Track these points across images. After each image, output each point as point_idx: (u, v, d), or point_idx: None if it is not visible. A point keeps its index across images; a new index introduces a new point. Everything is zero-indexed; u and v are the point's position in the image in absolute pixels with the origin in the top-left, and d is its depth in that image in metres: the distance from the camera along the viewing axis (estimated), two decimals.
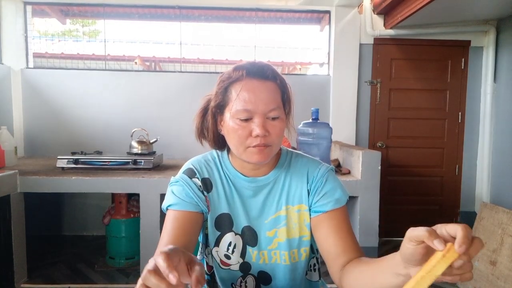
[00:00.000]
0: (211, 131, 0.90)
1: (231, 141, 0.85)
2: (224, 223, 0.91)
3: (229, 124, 0.83)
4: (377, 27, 3.26)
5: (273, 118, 0.82)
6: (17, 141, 2.96)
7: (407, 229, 0.54)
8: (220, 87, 0.86)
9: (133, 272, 2.55)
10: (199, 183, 0.91)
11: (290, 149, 0.98)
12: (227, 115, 0.84)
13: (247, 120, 0.81)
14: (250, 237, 0.91)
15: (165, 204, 0.89)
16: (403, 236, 0.56)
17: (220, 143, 0.91)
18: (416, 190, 3.40)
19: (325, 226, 0.86)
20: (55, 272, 2.57)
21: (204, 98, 0.94)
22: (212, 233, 0.91)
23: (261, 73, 0.83)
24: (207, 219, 0.92)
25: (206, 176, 0.93)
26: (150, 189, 2.28)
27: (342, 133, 3.25)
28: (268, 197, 0.91)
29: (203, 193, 0.90)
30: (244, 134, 0.81)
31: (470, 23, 3.21)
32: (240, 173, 0.91)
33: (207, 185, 0.92)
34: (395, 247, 3.15)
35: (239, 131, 0.82)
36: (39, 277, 2.46)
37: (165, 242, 0.80)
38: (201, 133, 0.94)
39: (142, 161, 2.47)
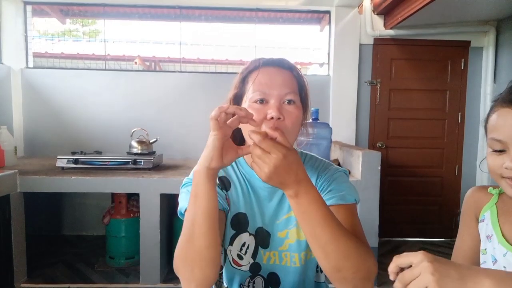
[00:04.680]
0: None
1: (247, 129, 0.82)
2: (241, 222, 0.90)
3: None
4: (377, 27, 3.26)
5: (289, 102, 0.81)
6: (17, 141, 2.96)
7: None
8: (239, 79, 0.87)
9: (132, 272, 2.54)
10: (217, 181, 0.88)
11: (304, 151, 0.97)
12: (244, 105, 0.84)
13: (262, 103, 0.80)
14: (263, 238, 0.90)
15: (182, 207, 0.84)
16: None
17: (237, 139, 0.89)
18: (416, 190, 3.40)
19: None
20: (55, 272, 2.57)
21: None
22: (228, 232, 0.90)
23: (278, 62, 0.85)
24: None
25: (223, 174, 0.92)
26: (150, 189, 2.28)
27: (342, 133, 3.25)
28: (282, 198, 0.90)
29: (222, 191, 0.89)
30: (259, 118, 0.79)
31: (470, 23, 3.21)
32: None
33: (225, 184, 0.91)
34: (395, 247, 3.16)
35: (253, 116, 0.79)
36: (39, 277, 2.46)
37: None
38: None
39: (142, 161, 2.47)
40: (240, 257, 0.90)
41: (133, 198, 2.69)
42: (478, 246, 0.86)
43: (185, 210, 0.80)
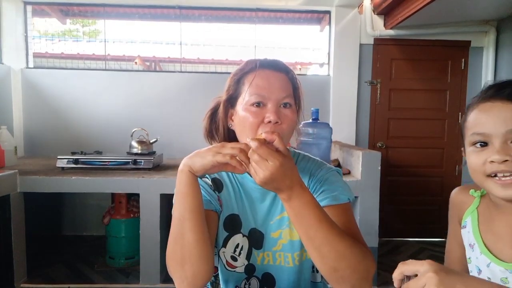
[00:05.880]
0: (221, 126, 0.90)
1: (242, 132, 0.83)
2: (233, 224, 0.90)
3: (241, 114, 0.83)
4: (377, 27, 3.26)
5: (286, 106, 0.82)
6: (17, 141, 2.95)
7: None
8: (233, 80, 0.87)
9: (132, 272, 2.54)
10: (210, 182, 0.90)
11: (297, 151, 0.97)
12: (239, 106, 0.84)
13: (260, 107, 0.81)
14: (256, 239, 0.90)
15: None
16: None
17: (230, 140, 0.89)
18: (416, 190, 3.40)
19: None
20: (55, 272, 2.57)
21: (214, 100, 0.94)
22: (220, 234, 0.90)
23: (274, 65, 0.85)
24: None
25: (215, 176, 0.92)
26: (150, 189, 2.28)
27: (342, 133, 3.25)
28: (275, 199, 0.90)
29: (215, 192, 0.89)
30: (256, 121, 0.80)
31: (470, 23, 3.20)
32: (248, 174, 0.90)
33: (217, 185, 0.91)
34: (395, 247, 3.16)
35: (250, 119, 0.80)
36: (39, 277, 2.46)
37: None
38: (209, 133, 0.94)
39: (142, 161, 2.47)
40: (234, 259, 0.90)
41: (133, 198, 2.69)
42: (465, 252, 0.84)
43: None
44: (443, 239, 3.50)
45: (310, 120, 2.36)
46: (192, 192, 0.75)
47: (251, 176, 0.88)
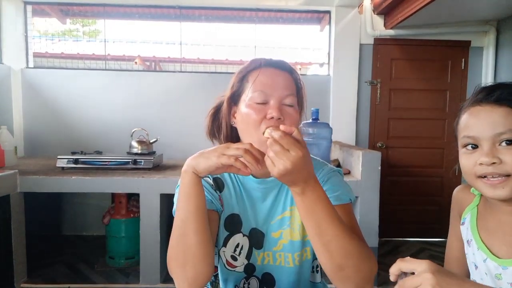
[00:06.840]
0: (224, 124, 0.89)
1: (245, 128, 0.83)
2: (234, 223, 0.90)
3: (244, 110, 0.83)
4: (377, 27, 3.25)
5: (289, 106, 0.82)
6: (17, 141, 2.95)
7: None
8: (237, 78, 0.87)
9: (132, 272, 2.54)
10: (211, 182, 0.90)
11: None
12: (242, 103, 0.84)
13: (262, 103, 0.81)
14: (257, 239, 0.90)
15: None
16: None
17: (233, 138, 0.90)
18: (416, 191, 3.40)
19: None
20: (55, 272, 2.57)
21: (217, 98, 0.94)
22: (221, 233, 0.90)
23: (279, 64, 0.86)
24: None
25: (217, 175, 0.92)
26: (150, 189, 2.28)
27: (342, 133, 3.25)
28: (276, 198, 0.90)
29: (216, 192, 0.89)
30: (259, 118, 0.80)
31: (470, 23, 3.20)
32: (252, 175, 0.90)
33: (218, 185, 0.91)
34: (395, 247, 3.16)
35: (253, 115, 0.80)
36: (39, 277, 2.46)
37: None
38: (211, 132, 0.94)
39: (142, 161, 2.47)
40: (234, 259, 0.90)
41: (133, 198, 2.69)
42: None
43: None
44: (443, 239, 3.51)
45: (310, 120, 2.36)
46: (195, 193, 0.74)
47: (254, 176, 0.89)
